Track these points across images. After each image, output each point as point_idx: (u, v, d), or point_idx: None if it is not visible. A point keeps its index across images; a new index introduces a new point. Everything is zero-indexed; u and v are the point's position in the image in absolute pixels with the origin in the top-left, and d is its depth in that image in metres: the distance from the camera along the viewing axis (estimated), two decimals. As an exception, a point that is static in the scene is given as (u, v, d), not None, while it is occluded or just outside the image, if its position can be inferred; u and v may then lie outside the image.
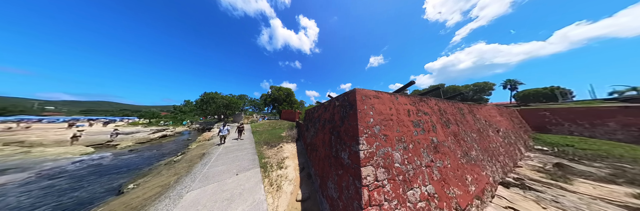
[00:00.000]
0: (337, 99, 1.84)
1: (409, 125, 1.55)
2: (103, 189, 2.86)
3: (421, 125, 1.71)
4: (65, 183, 3.14)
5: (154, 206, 1.81)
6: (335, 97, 2.02)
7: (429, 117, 1.91)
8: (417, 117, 1.73)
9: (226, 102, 15.56)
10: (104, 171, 3.80)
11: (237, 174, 2.59)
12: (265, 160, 3.38)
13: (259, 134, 7.08)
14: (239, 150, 4.13)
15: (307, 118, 4.64)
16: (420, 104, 1.95)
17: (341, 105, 1.63)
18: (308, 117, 4.56)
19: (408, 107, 1.73)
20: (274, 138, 5.87)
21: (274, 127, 10.00)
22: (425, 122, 1.80)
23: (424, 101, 2.06)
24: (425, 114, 1.89)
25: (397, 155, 1.26)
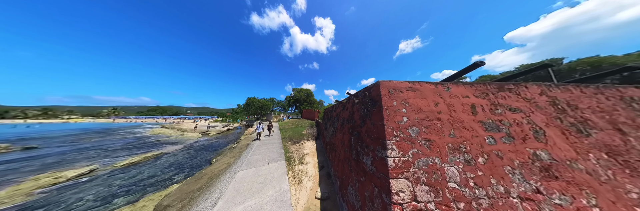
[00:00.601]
0: (356, 96, 1.62)
1: (476, 127, 1.02)
2: (205, 159, 4.73)
3: (504, 128, 1.07)
4: (194, 151, 5.80)
5: (222, 176, 2.63)
6: (354, 93, 1.79)
7: (525, 116, 1.15)
8: (494, 116, 1.09)
9: (261, 105, 19.40)
10: (206, 148, 6.35)
11: (268, 163, 3.11)
12: (289, 154, 3.78)
13: (284, 131, 8.07)
14: (270, 144, 4.95)
15: (326, 117, 4.62)
16: (499, 95, 1.21)
17: (361, 102, 1.41)
18: (327, 116, 4.52)
19: (472, 101, 1.14)
20: (297, 136, 6.42)
21: (297, 125, 11.00)
22: (515, 123, 1.10)
23: (511, 90, 1.25)
24: (512, 111, 1.16)
25: (452, 170, 0.87)
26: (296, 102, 27.84)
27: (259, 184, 2.22)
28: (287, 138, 5.79)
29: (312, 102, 27.61)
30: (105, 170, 3.70)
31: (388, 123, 0.95)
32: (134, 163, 4.23)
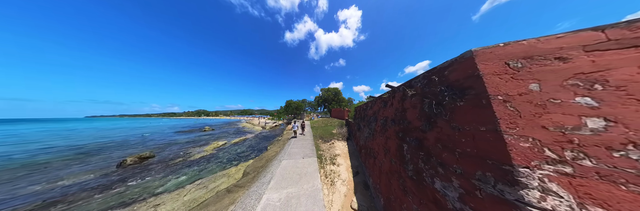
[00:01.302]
0: (410, 85, 1.09)
1: None
2: (263, 146, 6.62)
3: None
4: (258, 139, 8.61)
5: (273, 162, 3.44)
6: (405, 83, 1.25)
7: None
8: None
9: (296, 106, 22.96)
10: (264, 138, 9.01)
11: (303, 158, 3.46)
12: (320, 152, 3.89)
13: (315, 129, 8.62)
14: (304, 141, 5.53)
15: (358, 116, 4.08)
16: None
17: (423, 93, 0.91)
18: (359, 114, 3.98)
19: None
20: (327, 134, 6.50)
21: (326, 124, 11.25)
22: None
23: None
24: None
25: None
26: (325, 102, 28.90)
27: (296, 175, 2.50)
28: (318, 136, 6.07)
29: (341, 101, 26.77)
30: (229, 144, 6.80)
31: (517, 129, 0.41)
32: (236, 142, 7.21)
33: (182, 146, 6.66)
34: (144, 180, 3.26)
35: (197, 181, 3.09)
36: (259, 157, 4.61)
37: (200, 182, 3.06)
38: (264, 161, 3.91)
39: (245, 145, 6.69)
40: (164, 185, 3.04)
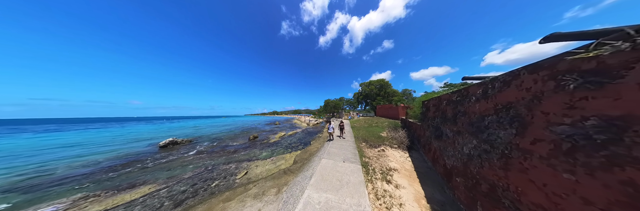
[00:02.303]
0: None
1: None
2: (307, 140, 7.72)
3: None
4: (304, 134, 10.34)
5: (314, 158, 3.64)
6: None
7: None
8: None
9: (334, 104, 23.19)
10: (308, 133, 10.52)
11: (343, 161, 3.04)
12: (366, 160, 3.08)
13: (357, 130, 7.53)
14: (344, 141, 5.05)
15: (431, 114, 2.47)
16: None
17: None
18: (433, 112, 2.39)
19: None
20: (373, 138, 5.20)
21: (371, 125, 9.29)
22: None
23: None
24: None
25: None
26: (366, 98, 24.72)
27: (337, 181, 2.20)
28: (361, 139, 5.11)
29: (391, 95, 20.56)
30: (287, 135, 9.36)
31: None
32: (291, 134, 9.55)
33: (267, 133, 10.76)
34: (252, 150, 5.84)
35: (270, 158, 4.55)
36: (304, 149, 5.34)
37: (272, 159, 4.43)
38: (308, 155, 4.35)
39: (296, 137, 8.39)
40: (258, 155, 5.05)
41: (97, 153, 5.57)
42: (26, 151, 6.13)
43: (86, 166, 4.28)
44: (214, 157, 4.99)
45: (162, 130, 13.08)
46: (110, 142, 7.85)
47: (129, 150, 5.94)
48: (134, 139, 8.38)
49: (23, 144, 7.73)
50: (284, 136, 8.85)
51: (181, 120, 39.99)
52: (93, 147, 6.75)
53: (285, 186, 2.42)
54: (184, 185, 2.95)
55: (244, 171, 3.57)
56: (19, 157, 5.34)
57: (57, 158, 5.06)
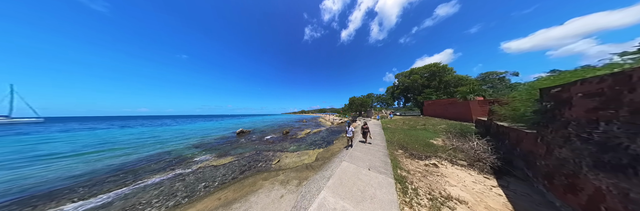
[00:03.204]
0: None
1: None
2: (330, 139, 7.71)
3: None
4: (328, 133, 10.47)
5: (334, 159, 3.48)
6: None
7: None
8: None
9: (360, 102, 20.83)
10: (332, 132, 10.50)
11: (369, 169, 2.54)
12: (402, 173, 2.33)
13: (391, 132, 6.06)
14: (372, 145, 4.28)
15: (580, 115, 1.23)
16: None
17: None
18: (591, 110, 1.16)
19: None
20: (417, 145, 3.87)
21: (413, 126, 7.08)
22: None
23: None
24: None
25: None
26: (405, 92, 19.40)
27: (357, 190, 1.89)
28: (396, 144, 4.05)
29: (452, 84, 14.43)
30: (312, 133, 10.10)
31: None
32: (315, 132, 10.12)
33: (296, 130, 12.34)
34: (284, 142, 7.02)
35: (296, 152, 5.13)
36: (326, 148, 5.34)
37: (298, 153, 4.97)
38: (330, 154, 4.28)
39: (320, 135, 8.70)
40: (288, 148, 5.94)
41: (213, 134, 9.98)
42: (179, 134, 12.70)
43: (217, 139, 7.87)
44: (261, 143, 6.70)
45: (234, 123, 20.34)
46: (214, 128, 13.78)
47: (225, 134, 9.90)
48: (224, 128, 13.80)
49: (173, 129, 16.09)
50: (309, 133, 9.56)
51: (243, 117, 58.96)
52: (212, 130, 12.19)
53: (305, 181, 2.56)
54: (244, 161, 4.29)
55: (277, 159, 4.36)
56: (181, 137, 11.21)
57: (203, 135, 9.88)
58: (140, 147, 6.39)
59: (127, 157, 5.07)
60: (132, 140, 7.95)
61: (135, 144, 6.98)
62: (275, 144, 6.68)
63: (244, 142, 7.27)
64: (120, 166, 4.16)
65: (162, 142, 7.58)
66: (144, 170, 3.85)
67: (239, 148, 6.01)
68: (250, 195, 2.23)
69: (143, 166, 4.14)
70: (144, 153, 5.50)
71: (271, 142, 7.11)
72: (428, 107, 12.87)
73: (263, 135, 9.51)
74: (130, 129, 13.78)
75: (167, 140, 8.10)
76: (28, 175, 3.66)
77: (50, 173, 3.82)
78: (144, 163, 4.40)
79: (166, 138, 8.70)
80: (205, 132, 10.57)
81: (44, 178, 3.53)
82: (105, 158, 4.92)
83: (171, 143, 7.15)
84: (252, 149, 5.77)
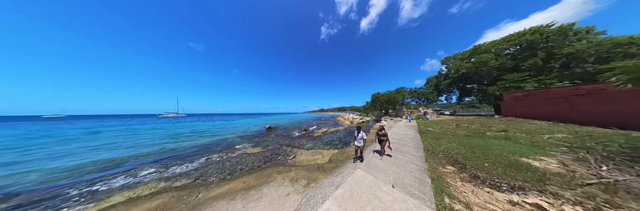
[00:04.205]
0: None
1: None
2: (348, 140, 7.19)
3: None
4: (345, 133, 9.86)
5: (348, 164, 3.06)
6: None
7: None
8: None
9: (386, 99, 17.55)
10: (350, 133, 9.77)
11: (392, 186, 1.90)
12: (455, 206, 1.50)
13: (434, 138, 4.45)
14: (401, 153, 3.30)
15: None
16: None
17: None
18: None
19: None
20: (489, 162, 2.52)
21: (479, 132, 4.82)
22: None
23: None
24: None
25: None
26: (461, 81, 13.93)
27: (371, 214, 1.43)
28: (442, 156, 2.88)
29: (588, 58, 8.32)
30: (328, 132, 9.94)
31: None
32: (332, 131, 9.83)
33: (314, 128, 12.71)
34: (301, 139, 7.40)
35: (311, 150, 5.18)
36: (341, 150, 4.93)
37: (312, 152, 4.99)
38: (344, 157, 3.89)
39: (337, 135, 8.30)
40: (304, 145, 6.17)
41: (252, 128, 12.71)
42: (232, 127, 16.96)
43: (254, 131, 10.11)
44: (283, 139, 7.52)
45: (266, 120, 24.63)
46: (253, 123, 17.46)
47: (259, 129, 12.29)
48: (258, 124, 17.10)
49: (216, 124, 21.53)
50: (326, 132, 9.43)
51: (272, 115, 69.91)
52: (251, 125, 15.59)
53: (313, 183, 2.43)
54: (268, 153, 4.98)
55: (293, 155, 4.63)
56: (233, 129, 15.01)
57: (245, 129, 12.92)
58: (215, 134, 9.46)
59: (211, 138, 7.87)
60: (212, 129, 12.06)
61: (213, 131, 10.57)
62: (294, 140, 7.21)
63: (271, 136, 8.53)
64: (204, 146, 6.34)
65: (224, 131, 10.80)
66: (212, 150, 5.62)
67: (266, 141, 7.12)
68: (264, 185, 2.46)
69: (212, 147, 6.07)
70: (217, 137, 8.16)
71: (291, 138, 7.77)
72: (513, 103, 7.98)
73: (285, 131, 10.67)
74: (214, 122, 21.01)
75: (226, 130, 11.40)
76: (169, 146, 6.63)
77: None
78: (212, 146, 6.42)
79: (227, 129, 12.31)
80: (247, 127, 13.70)
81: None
82: (197, 139, 7.77)
83: (228, 133, 9.96)
84: (276, 143, 6.61)
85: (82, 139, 8.11)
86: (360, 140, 2.84)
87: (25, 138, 8.68)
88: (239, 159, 4.44)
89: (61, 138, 8.32)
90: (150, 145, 6.45)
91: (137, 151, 5.58)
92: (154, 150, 5.76)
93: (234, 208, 1.87)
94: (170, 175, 3.42)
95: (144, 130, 11.38)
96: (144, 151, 5.59)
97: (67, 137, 8.73)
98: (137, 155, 5.03)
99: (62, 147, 6.31)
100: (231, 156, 4.77)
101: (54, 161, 4.62)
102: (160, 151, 5.58)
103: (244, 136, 8.71)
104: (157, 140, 7.45)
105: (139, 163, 4.28)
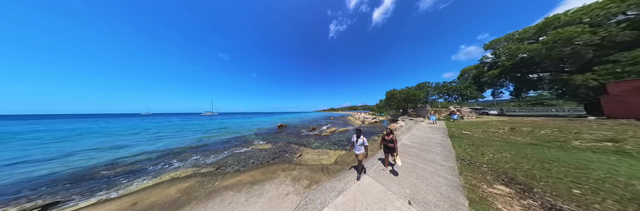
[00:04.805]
0: None
1: None
2: None
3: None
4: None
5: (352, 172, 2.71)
6: None
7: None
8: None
9: (404, 96, 15.34)
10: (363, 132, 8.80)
11: (409, 202, 1.50)
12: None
13: (474, 146, 3.46)
14: (419, 159, 2.69)
15: None
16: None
17: None
18: None
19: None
20: (598, 196, 1.66)
21: (560, 142, 3.51)
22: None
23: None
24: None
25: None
26: (517, 70, 10.58)
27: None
28: (488, 170, 2.19)
29: None
30: (337, 132, 9.60)
31: None
32: (340, 131, 9.41)
33: (322, 127, 12.61)
34: (309, 138, 7.42)
35: (317, 150, 5.07)
36: (349, 152, 4.58)
37: (319, 151, 4.88)
38: (351, 159, 3.58)
39: (346, 135, 7.88)
40: (311, 144, 6.13)
41: (266, 126, 13.88)
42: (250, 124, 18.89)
43: (268, 129, 11.08)
44: (292, 137, 7.79)
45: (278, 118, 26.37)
46: (267, 121, 19.03)
47: (272, 126, 13.29)
48: (272, 122, 18.48)
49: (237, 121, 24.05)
50: (335, 132, 9.13)
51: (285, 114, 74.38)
52: (265, 123, 17.05)
53: (315, 185, 2.30)
54: (277, 150, 5.24)
55: (299, 153, 4.66)
56: (250, 126, 16.69)
57: (260, 127, 14.28)
58: (236, 130, 10.91)
59: (231, 134, 9.06)
60: (236, 126, 13.98)
61: (236, 128, 12.22)
62: (302, 138, 7.32)
63: (281, 134, 9.02)
64: (228, 140, 7.38)
65: (244, 128, 12.29)
66: (233, 144, 6.43)
67: (277, 138, 7.55)
68: (267, 181, 2.52)
69: (233, 142, 6.96)
70: (237, 134, 9.31)
71: (299, 136, 7.95)
72: (631, 97, 5.11)
73: (295, 129, 11.04)
74: (237, 119, 24.44)
75: (246, 127, 12.93)
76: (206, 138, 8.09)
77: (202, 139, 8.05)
78: (234, 140, 7.37)
79: (246, 126, 13.96)
80: (262, 125, 15.07)
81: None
82: (223, 135, 9.14)
83: (247, 129, 11.26)
84: (285, 140, 6.90)
85: (165, 130, 11.22)
86: (359, 147, 2.15)
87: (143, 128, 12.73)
88: (252, 153, 4.86)
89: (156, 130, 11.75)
90: (193, 139, 8.04)
91: (188, 141, 7.14)
92: (196, 141, 7.16)
93: (238, 200, 1.97)
94: (202, 163, 4.12)
95: (194, 125, 14.63)
96: (192, 141, 7.11)
97: (162, 128, 12.27)
98: (188, 146, 6.28)
99: (155, 134, 9.18)
100: (247, 150, 5.29)
101: (150, 145, 6.48)
102: (200, 143, 6.84)
103: (259, 133, 9.56)
104: (199, 134, 9.20)
105: (190, 151, 5.41)
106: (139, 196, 2.46)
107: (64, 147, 6.32)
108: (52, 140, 7.82)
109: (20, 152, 5.67)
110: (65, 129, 12.29)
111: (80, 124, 17.12)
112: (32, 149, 6.01)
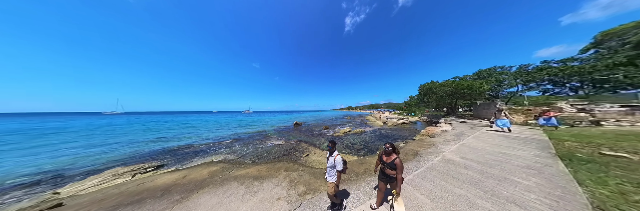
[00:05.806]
0: None
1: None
2: (372, 146, 5.64)
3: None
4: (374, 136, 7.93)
5: (361, 181, 2.15)
6: None
7: None
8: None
9: (451, 90, 11.14)
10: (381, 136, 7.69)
11: None
12: None
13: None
14: (481, 199, 1.61)
15: None
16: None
17: None
18: None
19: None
20: None
21: None
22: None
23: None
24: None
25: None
26: None
27: None
28: None
29: None
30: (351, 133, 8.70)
31: None
32: (356, 132, 8.40)
33: (336, 126, 12.03)
34: (320, 138, 7.20)
35: (326, 151, 4.74)
36: (361, 158, 3.86)
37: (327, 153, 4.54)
38: (362, 169, 2.94)
39: (361, 138, 6.89)
40: (321, 144, 5.86)
41: (284, 123, 15.28)
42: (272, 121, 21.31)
43: (285, 126, 12.26)
44: (305, 135, 7.96)
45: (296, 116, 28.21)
46: (286, 119, 20.88)
47: (288, 124, 14.44)
48: (290, 120, 20.04)
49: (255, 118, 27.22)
50: (349, 133, 8.32)
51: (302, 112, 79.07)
52: (284, 121, 18.80)
53: (310, 194, 2.02)
54: (288, 147, 5.46)
55: (307, 153, 4.54)
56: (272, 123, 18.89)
57: (279, 124, 15.93)
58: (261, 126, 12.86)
59: (257, 128, 10.85)
60: (262, 123, 16.62)
61: (261, 124, 14.36)
62: (313, 137, 7.27)
63: (296, 131, 9.46)
64: (253, 134, 8.81)
65: (267, 124, 14.21)
66: (256, 138, 7.53)
67: (291, 135, 8.00)
68: (267, 179, 2.55)
69: (256, 136, 8.16)
70: (258, 128, 11.00)
71: (311, 135, 7.97)
72: None
73: (309, 127, 11.29)
74: (265, 117, 29.12)
75: (268, 124, 14.92)
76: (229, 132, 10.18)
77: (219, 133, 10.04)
78: (256, 135, 8.65)
79: (268, 123, 16.13)
80: (281, 122, 16.76)
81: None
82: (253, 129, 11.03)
83: (268, 126, 12.93)
84: (297, 138, 7.15)
85: (221, 123, 15.61)
86: (331, 170, 1.37)
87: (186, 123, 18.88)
88: (268, 148, 5.38)
89: (221, 124, 16.83)
90: (231, 131, 10.36)
91: (232, 131, 9.50)
92: (234, 133, 9.15)
93: (237, 193, 2.09)
94: (231, 151, 5.13)
95: (237, 121, 18.94)
96: (231, 133, 9.25)
97: (218, 122, 17.46)
98: (230, 134, 8.34)
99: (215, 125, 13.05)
100: (264, 145, 5.95)
101: (213, 132, 9.35)
102: (236, 135, 8.66)
103: (277, 130, 10.59)
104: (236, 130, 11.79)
105: (230, 141, 6.93)
106: (189, 171, 3.34)
107: (163, 134, 10.22)
108: (163, 128, 13.03)
109: (136, 136, 9.83)
110: (158, 121, 20.10)
111: (167, 118, 27.45)
112: (149, 134, 10.23)
